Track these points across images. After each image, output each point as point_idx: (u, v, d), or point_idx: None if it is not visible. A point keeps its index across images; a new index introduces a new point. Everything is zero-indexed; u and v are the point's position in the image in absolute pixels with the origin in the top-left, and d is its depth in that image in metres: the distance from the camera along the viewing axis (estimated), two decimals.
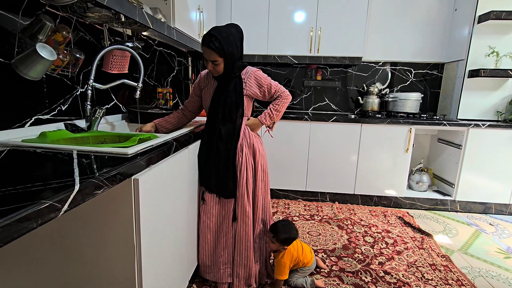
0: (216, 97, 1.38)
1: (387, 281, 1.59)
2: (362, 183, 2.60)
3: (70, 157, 0.80)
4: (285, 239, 1.43)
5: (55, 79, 1.20)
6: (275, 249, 1.47)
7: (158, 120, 1.49)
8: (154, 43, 2.02)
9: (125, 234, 0.85)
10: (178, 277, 1.24)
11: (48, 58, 0.96)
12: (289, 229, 1.45)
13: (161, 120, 1.49)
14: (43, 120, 1.15)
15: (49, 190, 0.55)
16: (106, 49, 1.26)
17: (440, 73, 2.89)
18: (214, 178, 1.39)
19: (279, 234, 1.42)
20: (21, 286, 0.93)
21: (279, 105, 1.44)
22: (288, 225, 1.48)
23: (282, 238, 1.42)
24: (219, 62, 1.28)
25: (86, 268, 0.90)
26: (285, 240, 1.43)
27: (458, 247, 1.99)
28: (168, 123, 1.50)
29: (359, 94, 2.97)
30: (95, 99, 1.45)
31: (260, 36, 2.69)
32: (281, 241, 1.42)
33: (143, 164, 0.85)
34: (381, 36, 2.82)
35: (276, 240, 1.43)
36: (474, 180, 2.49)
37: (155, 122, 1.47)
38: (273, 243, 1.44)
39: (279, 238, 1.42)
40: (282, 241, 1.43)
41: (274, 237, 1.43)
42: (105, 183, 0.66)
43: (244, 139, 1.40)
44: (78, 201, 0.58)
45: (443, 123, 2.42)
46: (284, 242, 1.43)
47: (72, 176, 0.63)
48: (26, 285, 0.93)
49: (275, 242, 1.43)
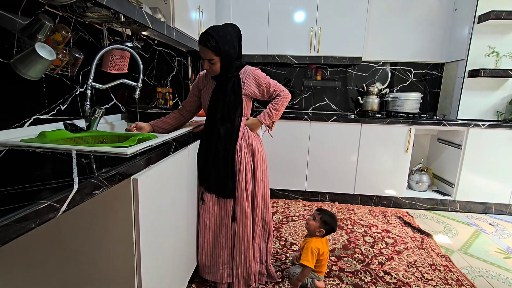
0: (215, 97, 1.38)
1: (387, 281, 1.59)
2: (362, 183, 2.59)
3: (69, 157, 0.80)
4: (328, 222, 1.50)
5: (54, 78, 1.19)
6: (312, 229, 1.52)
7: (154, 121, 1.48)
8: (153, 42, 2.02)
9: (124, 234, 0.85)
10: (178, 277, 1.24)
11: (47, 58, 0.96)
12: (335, 219, 1.54)
13: (157, 121, 1.49)
14: (42, 120, 1.15)
15: (47, 190, 0.55)
16: (106, 49, 1.26)
17: (440, 73, 2.89)
18: (213, 178, 1.39)
19: (326, 215, 1.51)
20: (21, 286, 0.92)
21: (278, 104, 1.43)
22: (335, 216, 1.58)
23: (325, 219, 1.50)
24: (216, 61, 1.27)
25: (86, 268, 0.89)
26: (326, 223, 1.50)
27: (458, 247, 1.99)
28: (165, 123, 1.49)
29: (359, 94, 2.97)
30: (94, 99, 1.45)
31: (260, 36, 2.68)
32: (323, 222, 1.50)
33: (142, 164, 0.85)
34: (381, 36, 2.82)
35: (320, 219, 1.50)
36: (474, 180, 2.49)
37: (151, 123, 1.46)
38: (314, 221, 1.52)
39: (323, 218, 1.50)
40: (324, 222, 1.50)
41: (319, 214, 1.52)
42: (104, 183, 0.66)
43: (243, 139, 1.40)
44: (77, 201, 0.58)
45: (443, 123, 2.42)
46: (324, 224, 1.50)
47: (71, 176, 0.63)
48: (26, 285, 0.92)
49: (317, 221, 1.51)
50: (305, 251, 1.47)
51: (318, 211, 1.55)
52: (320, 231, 1.51)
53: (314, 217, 1.53)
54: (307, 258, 1.46)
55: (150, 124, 1.45)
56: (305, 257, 1.46)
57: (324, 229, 1.51)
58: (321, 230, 1.51)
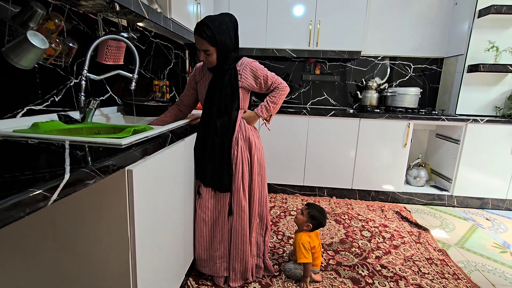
0: (211, 90, 1.36)
1: (383, 275, 1.59)
2: (360, 178, 2.59)
3: (61, 147, 0.78)
4: (315, 217, 1.50)
5: (48, 69, 1.17)
6: (299, 223, 1.52)
7: (153, 121, 1.47)
8: (150, 34, 1.99)
9: (119, 227, 0.83)
10: (174, 271, 1.24)
11: (39, 47, 0.94)
12: (324, 214, 1.54)
13: (157, 121, 1.47)
14: (36, 111, 1.13)
15: (38, 179, 0.53)
16: (101, 39, 1.23)
17: (439, 68, 2.87)
18: (209, 171, 1.37)
19: (314, 210, 1.51)
20: (15, 277, 0.91)
21: (275, 97, 1.41)
22: (325, 212, 1.57)
23: (313, 214, 1.49)
24: (211, 52, 1.25)
25: (80, 261, 0.88)
26: (314, 217, 1.49)
27: (455, 242, 2.00)
28: (162, 121, 1.48)
29: (357, 89, 2.95)
30: (89, 90, 1.42)
31: (258, 29, 2.65)
32: (311, 216, 1.49)
33: (137, 155, 0.83)
34: (381, 30, 2.80)
35: (307, 213, 1.50)
36: (471, 175, 2.49)
37: (150, 124, 1.45)
38: (301, 215, 1.52)
39: (311, 212, 1.50)
40: (311, 217, 1.49)
41: (307, 209, 1.52)
42: (97, 173, 0.64)
43: (239, 133, 1.39)
44: (68, 190, 0.57)
45: (442, 118, 2.41)
46: (312, 219, 1.50)
47: (62, 166, 0.61)
48: (20, 277, 0.91)
49: (305, 215, 1.51)
50: (298, 249, 1.47)
51: (307, 206, 1.54)
52: (308, 226, 1.50)
53: (302, 212, 1.53)
54: (302, 255, 1.45)
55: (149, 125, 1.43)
56: (300, 255, 1.46)
57: (311, 224, 1.50)
58: (308, 225, 1.50)
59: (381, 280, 1.55)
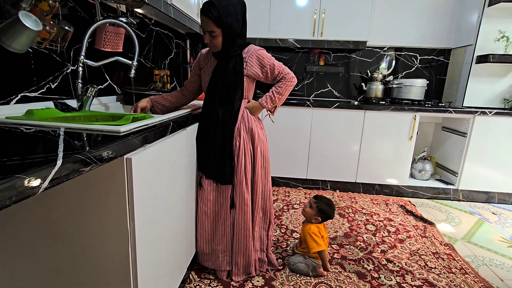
0: (215, 77, 1.30)
1: (389, 269, 1.56)
2: (364, 172, 2.55)
3: (56, 134, 0.73)
4: (324, 210, 1.47)
5: (43, 54, 1.11)
6: (308, 216, 1.49)
7: (154, 96, 1.41)
8: (150, 22, 1.92)
9: (118, 219, 0.79)
10: (176, 265, 1.20)
11: (32, 28, 0.88)
12: (332, 206, 1.50)
13: (157, 96, 1.41)
14: (31, 98, 1.08)
15: (27, 165, 0.49)
16: (99, 23, 1.18)
17: (446, 59, 2.80)
18: (211, 163, 1.33)
19: (322, 203, 1.48)
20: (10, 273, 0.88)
21: (282, 88, 1.35)
22: (333, 203, 1.53)
23: (322, 207, 1.46)
24: (217, 34, 1.19)
25: (77, 254, 0.84)
26: (322, 211, 1.46)
27: (461, 236, 1.96)
28: (165, 100, 1.42)
29: (362, 81, 2.89)
30: (87, 77, 1.37)
31: (261, 18, 2.58)
32: (319, 210, 1.46)
33: (137, 143, 0.78)
34: (387, 20, 2.72)
35: (316, 207, 1.46)
36: (478, 169, 2.44)
37: (151, 98, 1.39)
38: (310, 209, 1.48)
39: (320, 206, 1.46)
40: (320, 210, 1.46)
41: (316, 202, 1.48)
42: (93, 160, 0.60)
43: (242, 123, 1.33)
44: (61, 178, 0.52)
45: (449, 110, 2.35)
46: (320, 213, 1.47)
47: (55, 152, 0.57)
48: (14, 272, 0.88)
49: (314, 208, 1.47)
50: (309, 239, 1.44)
51: (315, 199, 1.51)
52: (316, 219, 1.48)
53: (310, 205, 1.50)
54: (314, 244, 1.43)
55: (149, 98, 1.37)
56: (313, 244, 1.43)
57: (320, 217, 1.48)
58: (317, 218, 1.48)
59: (387, 275, 1.51)
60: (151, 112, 1.39)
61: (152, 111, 1.39)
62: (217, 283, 1.40)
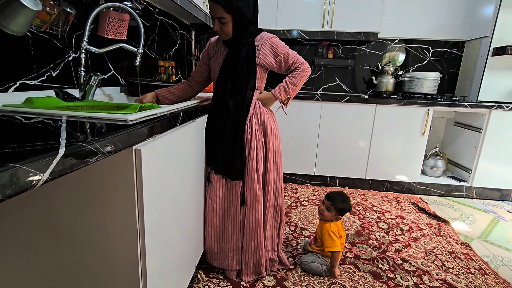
0: (226, 66, 1.23)
1: (405, 269, 1.49)
2: (374, 168, 2.47)
3: (58, 123, 0.66)
4: (342, 208, 1.41)
5: (43, 39, 1.04)
6: (328, 219, 1.43)
7: (160, 90, 1.33)
8: (154, 11, 1.84)
9: (126, 215, 0.72)
10: (185, 263, 1.14)
11: (31, 8, 0.81)
12: (347, 199, 1.44)
13: (163, 90, 1.33)
14: (30, 86, 1.01)
15: (24, 154, 0.42)
16: (102, 6, 1.10)
17: (460, 52, 2.71)
18: (220, 157, 1.26)
19: (338, 202, 1.41)
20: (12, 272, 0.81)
21: (296, 78, 1.27)
22: (346, 195, 1.46)
23: (340, 207, 1.40)
24: (227, 20, 1.11)
25: (83, 252, 0.78)
26: (341, 210, 1.41)
27: (477, 235, 1.89)
28: (171, 94, 1.34)
29: (372, 74, 2.80)
30: (90, 66, 1.29)
31: (269, 9, 2.49)
32: (338, 210, 1.40)
33: (146, 133, 0.71)
34: (398, 11, 2.62)
35: (334, 208, 1.40)
36: (492, 166, 2.36)
37: (156, 91, 1.31)
38: (329, 212, 1.42)
39: (337, 206, 1.40)
40: (339, 209, 1.40)
41: (332, 204, 1.41)
42: (99, 150, 0.53)
43: (254, 115, 1.26)
44: (64, 169, 0.45)
45: (464, 104, 2.27)
46: (340, 211, 1.41)
47: (57, 140, 0.50)
48: (17, 271, 0.81)
49: (332, 210, 1.41)
50: (326, 238, 1.38)
51: (329, 200, 1.42)
52: (337, 218, 1.43)
53: (327, 208, 1.42)
54: (332, 242, 1.37)
55: (154, 92, 1.30)
56: (330, 243, 1.37)
57: (340, 216, 1.43)
58: (337, 217, 1.43)
59: (403, 275, 1.45)
60: None
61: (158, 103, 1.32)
62: (226, 283, 1.34)
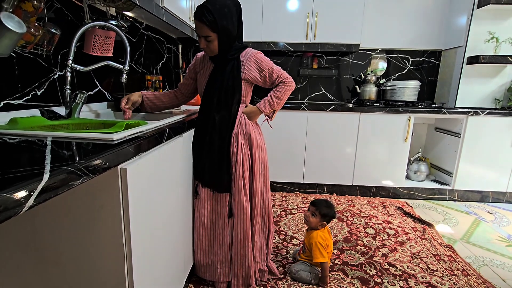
0: (212, 81, 1.26)
1: (392, 274, 1.53)
2: (360, 174, 2.53)
3: (42, 144, 0.67)
4: (326, 213, 1.45)
5: (27, 59, 1.05)
6: (314, 226, 1.47)
7: (146, 92, 1.35)
8: (141, 26, 1.87)
9: (112, 234, 0.73)
10: (174, 277, 1.14)
11: (15, 31, 0.82)
12: (331, 205, 1.49)
13: (149, 93, 1.35)
14: (14, 106, 1.01)
15: (8, 181, 0.43)
16: (88, 25, 1.12)
17: (437, 60, 2.84)
18: (208, 170, 1.28)
19: (322, 207, 1.46)
20: None
21: (280, 92, 1.32)
22: (330, 202, 1.52)
23: (324, 212, 1.45)
24: (213, 39, 1.15)
25: (68, 275, 0.78)
26: (325, 215, 1.45)
27: (460, 236, 1.96)
28: (157, 98, 1.37)
29: (355, 83, 2.89)
30: (76, 83, 1.30)
31: (254, 22, 2.56)
32: (323, 215, 1.45)
33: (131, 152, 0.73)
34: (378, 23, 2.74)
35: (318, 213, 1.45)
36: (472, 169, 2.46)
37: (143, 93, 1.33)
38: (313, 218, 1.46)
39: (321, 211, 1.45)
40: (323, 215, 1.45)
41: (317, 209, 1.45)
42: (84, 172, 0.54)
43: (239, 128, 1.29)
44: (49, 194, 0.46)
45: (443, 111, 2.37)
46: (324, 217, 1.45)
47: (42, 164, 0.51)
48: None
49: (317, 215, 1.45)
50: (314, 248, 1.41)
51: (314, 206, 1.47)
52: (322, 224, 1.46)
53: (312, 214, 1.46)
54: (319, 254, 1.40)
55: (141, 92, 1.32)
56: (317, 254, 1.40)
57: (325, 221, 1.46)
58: (322, 223, 1.46)
59: (390, 279, 1.48)
60: (140, 108, 1.34)
61: (141, 107, 1.34)
62: None
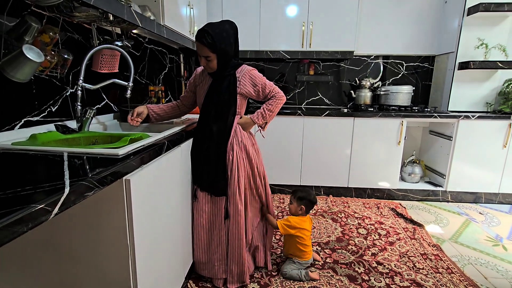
0: (210, 94, 1.39)
1: (379, 271, 1.63)
2: (355, 176, 2.63)
3: (60, 159, 0.80)
4: (302, 196, 1.57)
5: (43, 80, 1.19)
6: (293, 212, 1.59)
7: (151, 105, 1.50)
8: (144, 40, 2.01)
9: (118, 235, 0.86)
10: (174, 274, 1.26)
11: (35, 60, 0.96)
12: (308, 191, 1.62)
13: (154, 106, 1.50)
14: (33, 122, 1.15)
15: (39, 194, 0.56)
16: (95, 49, 1.25)
17: (431, 65, 2.92)
18: (205, 176, 1.40)
19: (298, 192, 1.59)
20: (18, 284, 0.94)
21: (272, 105, 1.45)
22: (308, 190, 1.67)
23: (299, 196, 1.57)
24: (212, 58, 1.28)
25: (81, 269, 0.91)
26: (301, 198, 1.57)
27: (449, 236, 2.04)
28: (161, 109, 1.51)
29: (351, 88, 2.99)
30: (85, 99, 1.44)
31: (252, 31, 2.68)
32: (298, 199, 1.57)
33: (134, 164, 0.86)
34: (373, 30, 2.83)
35: (294, 198, 1.59)
36: (464, 171, 2.54)
37: (148, 106, 1.47)
38: (292, 204, 1.60)
39: (297, 195, 1.58)
40: (299, 198, 1.57)
41: (293, 196, 1.60)
42: (95, 184, 0.67)
43: (234, 138, 1.41)
44: (69, 203, 0.59)
45: (434, 115, 2.45)
46: (301, 200, 1.57)
47: (62, 179, 0.64)
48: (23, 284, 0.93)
49: (293, 202, 1.59)
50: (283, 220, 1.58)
51: (292, 194, 1.62)
52: (301, 209, 1.58)
53: (290, 201, 1.62)
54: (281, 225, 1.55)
55: (146, 106, 1.46)
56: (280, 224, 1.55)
57: (303, 206, 1.58)
58: (301, 208, 1.58)
59: (377, 277, 1.58)
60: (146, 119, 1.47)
61: (148, 118, 1.47)
62: None
